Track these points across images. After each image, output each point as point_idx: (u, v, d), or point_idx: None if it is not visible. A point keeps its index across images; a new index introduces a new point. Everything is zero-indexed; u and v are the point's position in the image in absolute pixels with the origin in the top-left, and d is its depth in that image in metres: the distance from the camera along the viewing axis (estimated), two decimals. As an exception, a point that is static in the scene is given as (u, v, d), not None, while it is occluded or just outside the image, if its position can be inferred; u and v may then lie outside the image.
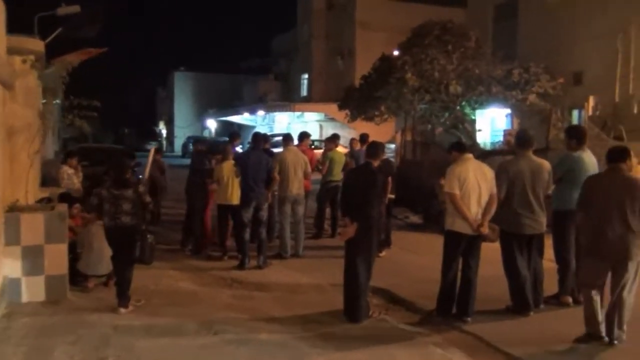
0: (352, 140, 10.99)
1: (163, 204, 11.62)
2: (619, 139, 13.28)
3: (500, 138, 17.05)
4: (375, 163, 6.01)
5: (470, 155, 5.79)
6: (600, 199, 4.99)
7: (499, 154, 13.02)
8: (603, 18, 15.16)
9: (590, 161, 6.19)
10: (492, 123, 18.77)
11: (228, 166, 8.36)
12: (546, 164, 5.98)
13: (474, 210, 5.63)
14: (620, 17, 14.73)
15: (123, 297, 5.81)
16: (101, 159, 13.52)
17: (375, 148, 6.17)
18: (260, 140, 8.73)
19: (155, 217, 11.56)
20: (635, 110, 14.46)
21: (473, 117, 17.05)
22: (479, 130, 17.19)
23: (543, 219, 5.91)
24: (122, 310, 5.76)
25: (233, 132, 10.63)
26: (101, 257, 6.42)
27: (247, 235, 8.10)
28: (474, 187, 5.62)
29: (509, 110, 17.36)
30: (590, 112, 14.55)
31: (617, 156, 5.04)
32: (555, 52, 16.03)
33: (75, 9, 9.61)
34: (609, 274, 5.04)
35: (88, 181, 9.43)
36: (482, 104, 16.43)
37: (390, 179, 8.64)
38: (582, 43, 15.56)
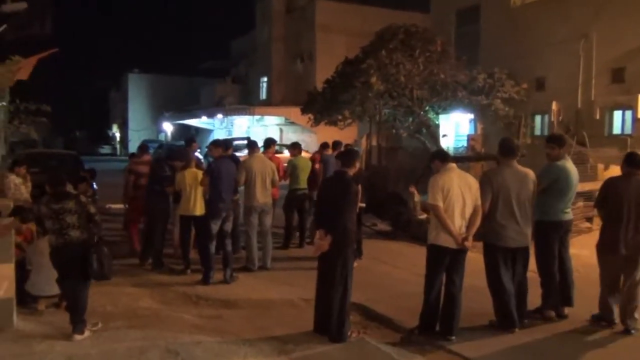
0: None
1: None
2: (581, 145, 13.40)
3: (464, 143, 17.05)
4: (351, 172, 5.65)
5: (453, 165, 5.48)
6: (619, 200, 5.57)
7: (465, 160, 12.92)
8: (565, 24, 15.28)
9: (572, 169, 6.01)
10: (456, 128, 18.77)
11: (190, 174, 7.87)
12: (531, 174, 5.73)
13: (458, 223, 5.33)
14: (582, 23, 14.87)
15: (78, 322, 5.23)
16: (52, 166, 12.75)
17: (351, 156, 5.82)
18: (226, 147, 8.25)
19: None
20: (597, 116, 14.62)
21: (437, 122, 16.97)
22: (444, 136, 17.12)
23: (528, 231, 5.66)
24: (77, 336, 5.18)
25: (190, 137, 10.07)
26: (52, 275, 5.83)
27: (213, 247, 7.62)
28: (458, 198, 5.32)
29: (472, 116, 17.37)
30: (553, 118, 14.63)
31: (637, 163, 5.62)
32: (517, 57, 16.08)
33: (21, 5, 8.91)
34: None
35: (38, 190, 8.77)
36: (445, 109, 16.36)
37: (360, 186, 8.29)
38: (544, 49, 15.63)
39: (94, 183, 10.61)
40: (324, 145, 10.17)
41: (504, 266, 5.61)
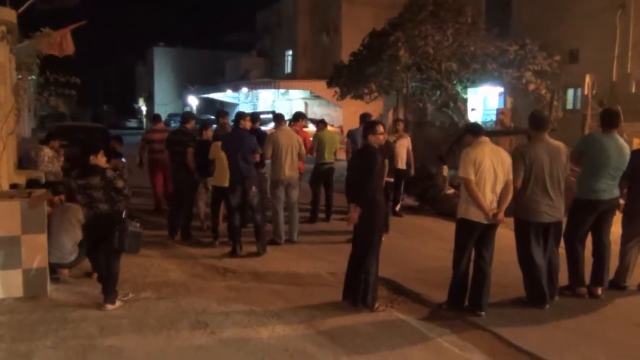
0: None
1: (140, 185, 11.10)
2: (616, 119, 12.99)
3: (492, 117, 16.74)
4: (374, 143, 5.57)
5: (486, 139, 5.36)
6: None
7: (493, 134, 12.66)
8: (601, -7, 14.75)
9: (613, 146, 5.79)
10: (484, 102, 18.43)
11: (223, 146, 7.85)
12: (563, 147, 5.59)
13: (489, 197, 5.23)
14: (618, -8, 14.32)
15: (109, 293, 5.32)
16: (81, 139, 12.91)
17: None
18: (239, 118, 8.12)
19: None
20: (633, 90, 14.17)
21: (465, 96, 16.66)
22: (473, 110, 16.81)
23: (562, 206, 5.54)
24: (109, 306, 5.28)
25: (221, 109, 10.22)
26: (63, 244, 5.92)
27: (236, 220, 7.62)
28: (490, 172, 5.21)
29: (501, 89, 17.01)
30: (586, 91, 14.22)
31: None
32: (550, 28, 15.61)
33: (51, -22, 8.93)
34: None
35: (67, 162, 8.90)
36: (474, 82, 16.03)
37: (387, 161, 8.21)
38: (578, 19, 15.14)
39: (123, 157, 10.73)
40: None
41: (535, 242, 5.51)
